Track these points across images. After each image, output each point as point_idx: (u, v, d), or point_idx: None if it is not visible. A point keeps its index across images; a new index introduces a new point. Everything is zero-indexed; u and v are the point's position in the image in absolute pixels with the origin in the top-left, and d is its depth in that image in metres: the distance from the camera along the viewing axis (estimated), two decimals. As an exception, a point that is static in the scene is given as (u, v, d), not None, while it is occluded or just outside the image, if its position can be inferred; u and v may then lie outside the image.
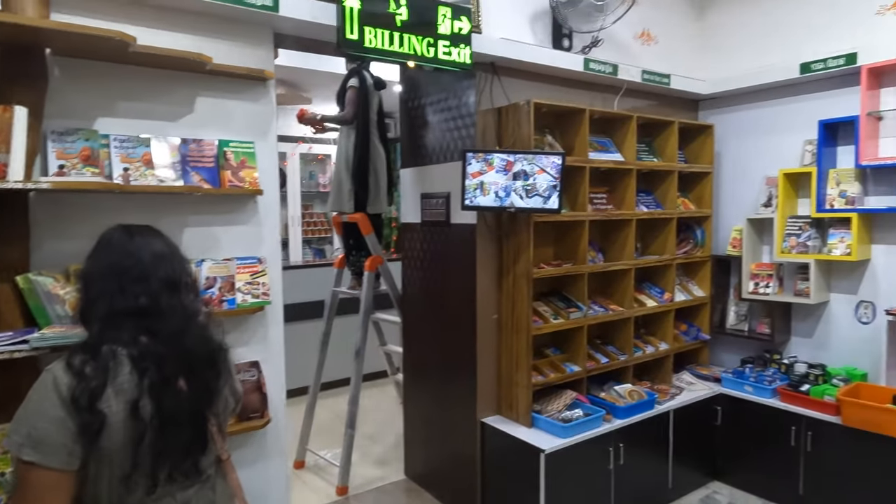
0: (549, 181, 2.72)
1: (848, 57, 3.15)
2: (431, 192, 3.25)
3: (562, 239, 3.23)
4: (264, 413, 2.30)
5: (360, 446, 4.17)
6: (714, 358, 3.97)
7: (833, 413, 3.03)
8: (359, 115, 3.37)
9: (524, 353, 2.92)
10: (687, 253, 3.73)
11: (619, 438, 3.00)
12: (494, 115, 2.98)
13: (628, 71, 3.38)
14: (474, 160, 2.70)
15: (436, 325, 3.32)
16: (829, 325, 3.44)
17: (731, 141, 3.85)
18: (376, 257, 3.58)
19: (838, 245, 3.22)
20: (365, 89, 3.36)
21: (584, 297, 3.12)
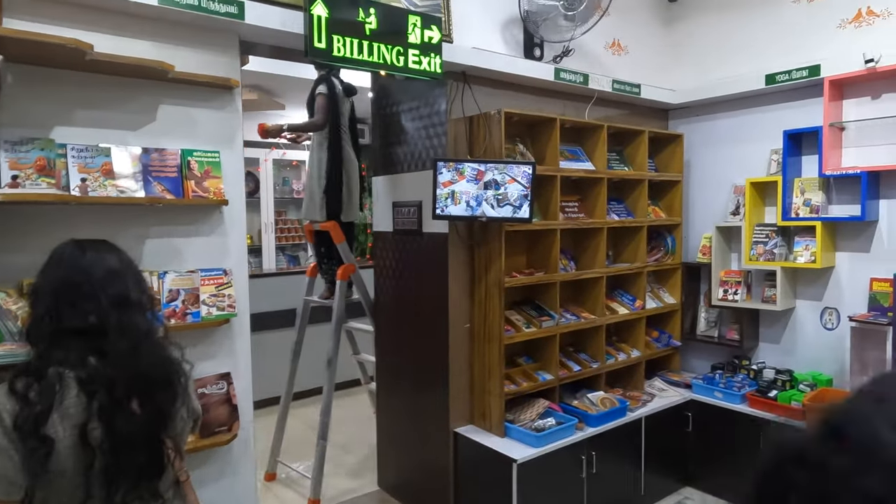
0: (519, 190, 2.72)
1: (811, 69, 3.22)
2: (403, 201, 3.23)
3: (534, 248, 3.24)
4: (232, 427, 2.25)
5: (333, 457, 4.11)
6: (685, 364, 4.02)
7: (800, 418, 3.08)
8: (329, 121, 3.34)
9: (496, 362, 2.91)
10: (658, 260, 3.77)
11: (592, 446, 3.01)
12: (466, 124, 2.97)
13: (599, 81, 3.41)
14: (445, 169, 2.69)
15: (408, 335, 3.29)
16: (796, 331, 3.51)
17: (700, 150, 3.91)
18: (348, 266, 3.55)
19: (803, 253, 3.28)
20: (334, 96, 3.33)
21: (556, 306, 3.12)
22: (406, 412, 3.36)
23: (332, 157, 3.36)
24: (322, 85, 3.33)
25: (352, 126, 3.63)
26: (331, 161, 3.36)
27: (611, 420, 3.13)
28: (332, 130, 3.34)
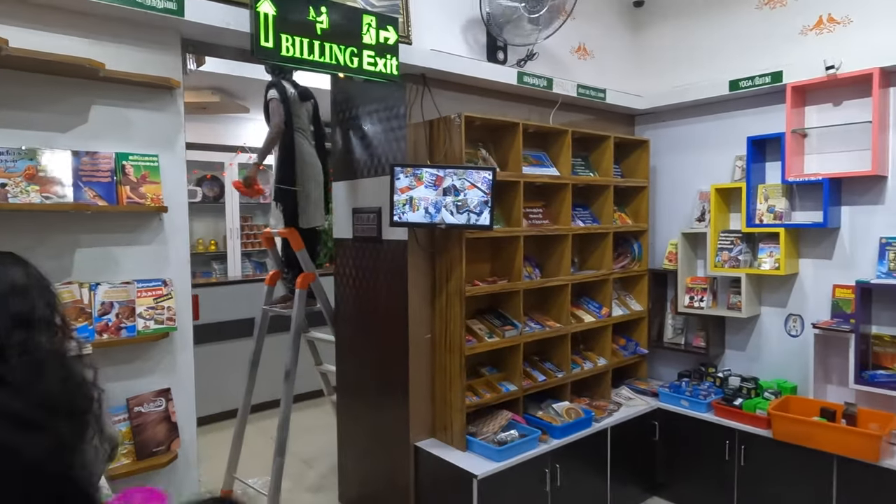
0: (480, 197, 2.64)
1: (774, 75, 3.21)
2: (363, 207, 3.14)
3: (497, 255, 3.16)
4: (171, 445, 2.12)
5: (294, 471, 3.98)
6: (652, 371, 3.98)
7: (765, 427, 3.05)
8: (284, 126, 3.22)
9: (458, 373, 2.82)
10: (624, 267, 3.73)
11: (556, 459, 2.93)
12: (426, 129, 2.89)
13: (563, 85, 3.35)
14: (403, 175, 2.60)
15: (369, 345, 3.19)
16: (761, 338, 3.49)
17: (666, 156, 3.88)
18: (308, 274, 3.42)
19: (767, 259, 3.27)
20: (286, 99, 3.22)
21: (519, 315, 3.05)
22: (367, 425, 3.25)
23: (282, 162, 3.24)
24: (272, 90, 3.22)
25: (317, 130, 3.52)
26: (281, 166, 3.25)
27: (575, 431, 3.06)
28: (285, 134, 3.23)
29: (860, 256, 3.09)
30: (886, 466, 2.65)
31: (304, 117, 3.34)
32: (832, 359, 3.15)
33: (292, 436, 4.50)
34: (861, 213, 3.08)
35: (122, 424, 2.04)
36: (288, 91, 3.23)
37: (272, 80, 3.24)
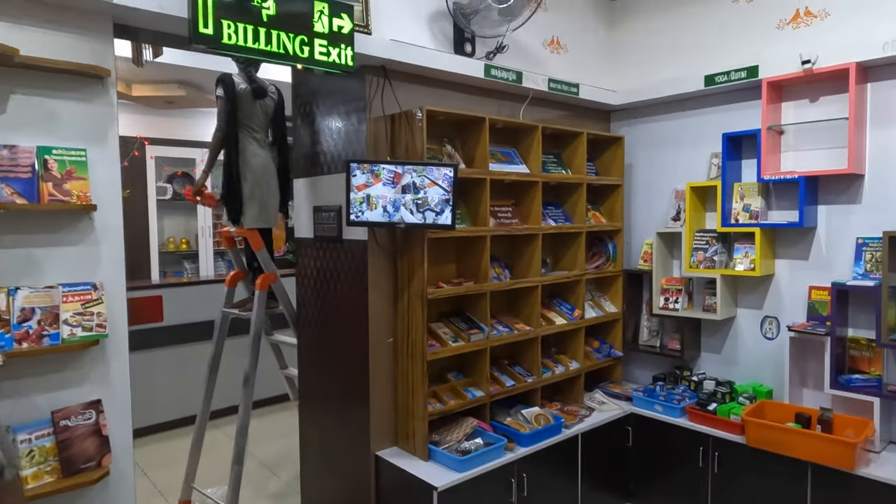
0: (441, 195, 2.51)
1: (749, 70, 3.11)
2: (323, 205, 3.00)
3: (464, 256, 3.04)
4: (102, 461, 1.98)
5: (257, 478, 3.84)
6: (627, 374, 3.88)
7: (739, 433, 2.96)
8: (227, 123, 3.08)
9: (420, 379, 2.70)
10: (598, 267, 3.62)
11: (523, 468, 2.82)
12: (387, 124, 2.75)
13: (534, 79, 3.23)
14: (359, 171, 2.47)
15: (330, 349, 3.05)
16: (737, 341, 3.40)
17: (642, 153, 3.78)
18: (268, 275, 3.28)
19: (743, 260, 3.17)
20: (233, 96, 3.07)
21: (486, 318, 2.93)
22: (329, 433, 3.12)
23: (227, 162, 3.10)
24: (219, 86, 3.07)
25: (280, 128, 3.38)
26: (227, 165, 3.11)
27: (544, 438, 2.95)
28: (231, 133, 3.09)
29: (836, 257, 3.00)
30: (862, 475, 2.56)
31: (257, 115, 3.19)
32: (808, 362, 3.06)
33: (257, 441, 4.39)
34: (838, 213, 2.99)
35: (46, 440, 1.89)
36: (238, 87, 3.08)
37: (221, 75, 3.09)
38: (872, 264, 2.85)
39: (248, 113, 3.19)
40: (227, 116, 3.07)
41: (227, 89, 3.07)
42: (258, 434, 4.53)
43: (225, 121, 3.08)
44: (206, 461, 3.61)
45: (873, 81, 2.86)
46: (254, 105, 3.17)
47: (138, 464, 4.08)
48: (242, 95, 3.14)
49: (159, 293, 4.64)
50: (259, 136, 3.25)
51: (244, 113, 3.18)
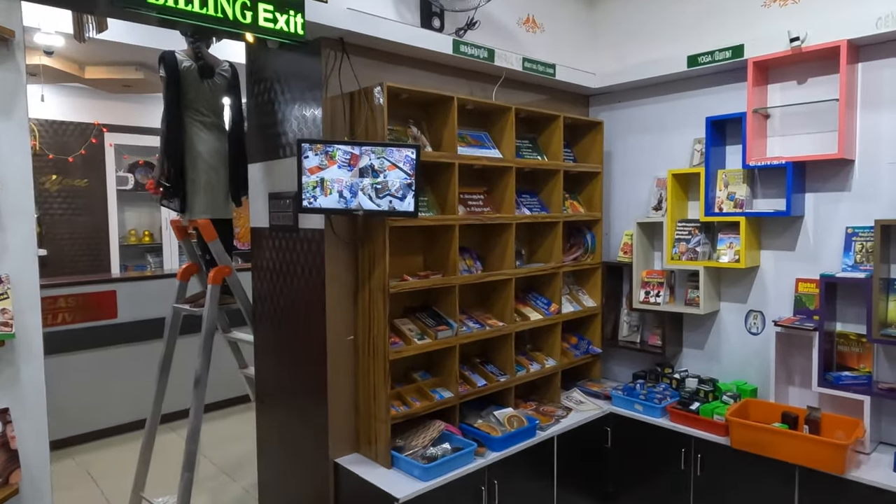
0: (402, 179, 2.30)
1: (734, 49, 2.94)
2: (279, 192, 2.77)
3: (431, 246, 2.83)
4: (10, 478, 1.74)
5: (215, 484, 3.61)
6: (607, 371, 3.71)
7: (723, 434, 2.79)
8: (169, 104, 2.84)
9: (382, 380, 2.49)
10: (576, 260, 3.43)
11: (494, 474, 2.62)
12: (345, 102, 2.53)
13: (507, 58, 3.02)
14: (311, 152, 2.24)
15: (286, 348, 2.83)
16: (720, 337, 3.23)
17: (622, 139, 3.60)
18: (222, 267, 3.05)
19: (727, 251, 3.00)
20: (175, 75, 2.82)
21: (454, 313, 2.73)
22: (287, 437, 2.89)
23: (167, 146, 2.86)
24: (160, 66, 2.83)
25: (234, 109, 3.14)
26: (165, 149, 2.87)
27: (517, 442, 2.76)
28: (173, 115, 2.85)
29: (825, 248, 2.84)
30: (852, 478, 2.41)
31: (205, 96, 2.95)
32: (794, 358, 2.91)
33: (216, 445, 4.15)
34: (826, 201, 2.83)
35: (-60, 455, 1.65)
36: (182, 65, 2.84)
37: (162, 53, 2.84)
38: (862, 255, 2.69)
39: (195, 94, 2.95)
40: (169, 98, 2.83)
41: (168, 68, 2.83)
42: (217, 437, 4.30)
43: (168, 103, 2.84)
44: (159, 467, 3.38)
45: (865, 61, 2.69)
46: (200, 85, 2.93)
47: (89, 472, 3.83)
48: (187, 74, 2.90)
49: (113, 288, 4.37)
50: (207, 120, 3.01)
51: (190, 94, 2.94)
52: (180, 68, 2.85)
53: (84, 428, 4.28)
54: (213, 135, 3.04)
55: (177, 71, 2.83)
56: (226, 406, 4.86)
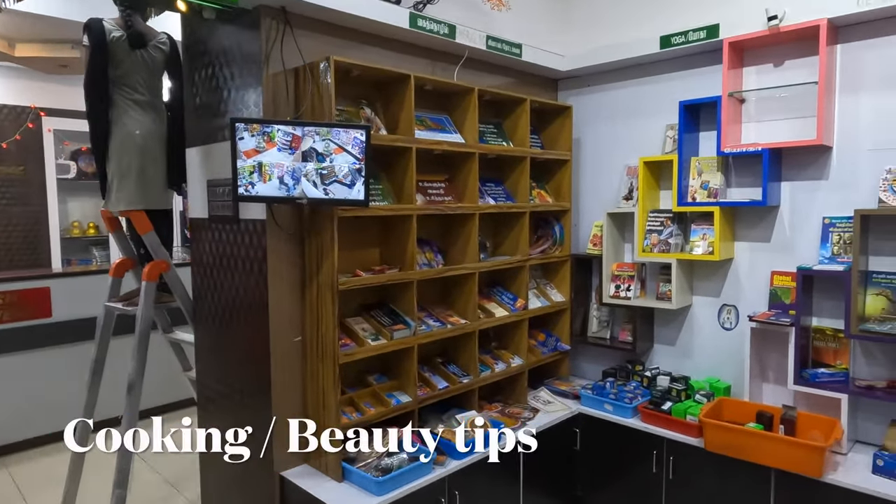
0: (351, 163, 2.07)
1: (709, 29, 2.78)
2: (218, 179, 2.51)
3: (388, 239, 2.61)
4: None
5: (158, 496, 3.35)
6: (576, 369, 3.55)
7: (696, 435, 2.66)
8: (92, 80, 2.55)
9: (331, 385, 2.26)
10: (544, 252, 3.25)
11: (455, 484, 2.43)
12: (288, 80, 2.28)
13: (470, 35, 2.81)
14: (247, 133, 2.00)
15: (229, 349, 2.58)
16: (693, 332, 3.10)
17: (591, 125, 3.42)
18: (158, 262, 2.78)
19: (700, 243, 2.86)
20: (103, 45, 2.54)
21: (412, 310, 2.51)
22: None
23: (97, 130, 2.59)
24: (85, 34, 2.54)
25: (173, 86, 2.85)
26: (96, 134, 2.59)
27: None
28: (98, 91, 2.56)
29: (801, 239, 2.72)
30: (830, 482, 2.29)
31: (138, 71, 2.67)
32: (769, 354, 2.79)
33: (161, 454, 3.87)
34: (802, 190, 2.71)
35: None
36: (111, 35, 2.55)
37: (87, 20, 2.55)
38: (840, 246, 2.57)
39: (126, 68, 2.66)
40: (93, 70, 2.53)
41: (93, 36, 2.53)
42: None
43: (91, 75, 2.55)
44: (95, 481, 3.10)
45: (843, 43, 2.56)
46: (131, 57, 2.64)
47: (18, 485, 3.51)
48: (117, 46, 2.60)
49: (46, 284, 4.02)
50: (141, 98, 2.72)
51: (121, 69, 2.65)
52: (108, 38, 2.56)
53: (14, 437, 3.94)
54: (148, 115, 2.75)
55: (104, 41, 2.53)
56: (173, 409, 4.56)
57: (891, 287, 2.44)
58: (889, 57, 2.45)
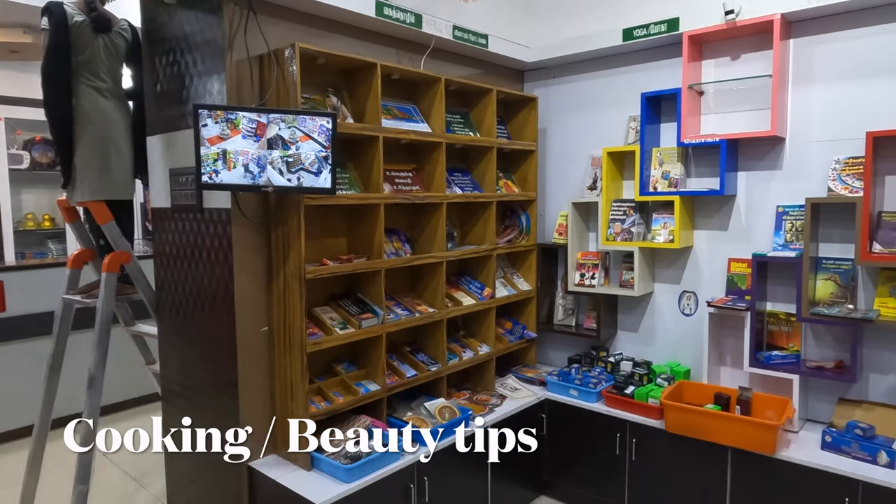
0: (317, 151, 2.06)
1: (670, 23, 2.85)
2: (181, 167, 2.46)
3: (355, 228, 2.61)
4: None
5: (121, 492, 3.29)
6: (542, 356, 3.62)
7: (657, 417, 2.74)
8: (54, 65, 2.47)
9: (300, 375, 2.26)
10: (511, 241, 3.30)
11: (425, 470, 2.46)
12: (252, 66, 2.25)
13: (436, 24, 2.81)
14: (211, 120, 1.97)
15: (194, 341, 2.55)
16: (654, 318, 3.19)
17: (557, 116, 3.47)
18: (119, 253, 2.71)
19: (661, 231, 2.94)
20: (64, 29, 2.46)
21: (380, 299, 2.52)
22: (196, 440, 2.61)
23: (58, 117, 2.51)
24: (44, 17, 2.46)
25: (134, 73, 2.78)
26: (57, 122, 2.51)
27: (449, 435, 2.60)
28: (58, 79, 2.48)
29: (756, 227, 2.82)
30: (782, 458, 2.40)
31: (100, 57, 2.59)
32: (726, 339, 2.89)
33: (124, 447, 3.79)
34: (758, 180, 2.81)
35: None
36: (73, 19, 2.47)
37: (47, 3, 2.46)
38: (793, 234, 2.68)
39: (88, 54, 2.58)
40: (54, 56, 2.45)
41: (55, 20, 2.45)
42: (128, 439, 3.93)
43: (51, 61, 2.46)
44: (54, 478, 3.03)
45: (796, 38, 2.66)
46: (94, 42, 2.56)
47: (-29, 484, 3.40)
48: (79, 31, 2.53)
49: (0, 278, 3.88)
50: (103, 85, 2.65)
51: (81, 54, 2.57)
52: (70, 23, 2.47)
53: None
54: (111, 103, 2.68)
55: (66, 25, 2.45)
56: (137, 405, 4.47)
57: (838, 272, 2.56)
58: (838, 52, 2.56)
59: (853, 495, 2.24)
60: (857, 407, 2.52)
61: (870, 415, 2.47)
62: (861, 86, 2.51)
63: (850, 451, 2.33)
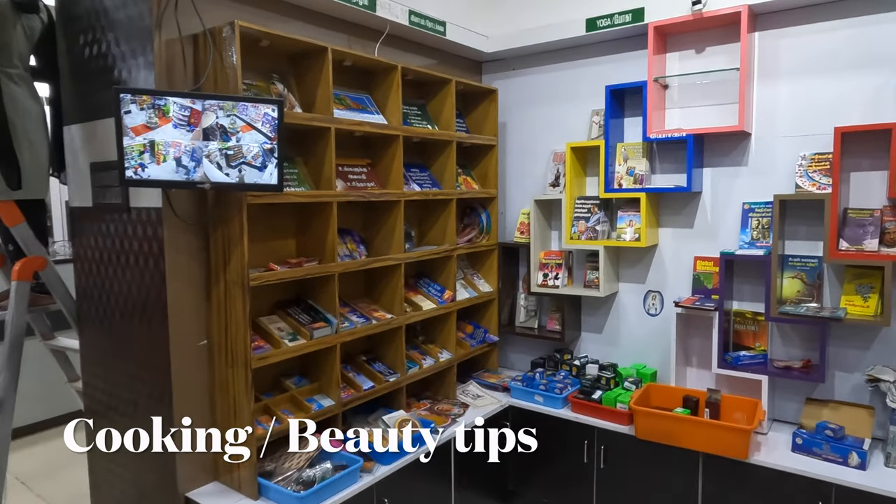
0: (261, 143, 1.83)
1: (635, 13, 2.75)
2: (104, 161, 2.17)
3: (305, 228, 2.38)
4: None
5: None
6: (504, 360, 3.48)
7: (626, 423, 2.64)
8: None
9: (244, 393, 2.02)
10: (471, 241, 3.13)
11: (385, 490, 2.27)
12: (185, 48, 1.99)
13: (391, 9, 2.61)
14: (135, 106, 1.71)
15: (121, 356, 2.26)
16: (619, 319, 3.10)
17: (517, 110, 3.33)
18: (32, 259, 2.39)
19: (627, 229, 2.84)
20: None
21: (334, 307, 2.31)
22: (125, 467, 2.33)
23: None
24: None
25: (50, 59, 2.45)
26: None
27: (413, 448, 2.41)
28: None
29: (722, 224, 2.76)
30: (755, 462, 2.33)
31: (18, 41, 2.26)
32: (693, 339, 2.82)
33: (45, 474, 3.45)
34: (723, 176, 2.74)
35: None
36: None
37: None
38: (759, 231, 2.62)
39: (7, 38, 2.24)
40: None
41: None
42: (47, 464, 3.56)
43: None
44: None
45: (761, 31, 2.60)
46: (14, 25, 2.23)
47: None
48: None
49: None
50: (14, 72, 2.31)
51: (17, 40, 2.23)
52: None
53: None
54: (24, 90, 2.34)
55: None
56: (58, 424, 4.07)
57: (805, 270, 2.51)
58: (803, 45, 2.51)
59: (826, 499, 2.19)
60: (825, 406, 2.49)
61: (837, 414, 2.44)
62: (827, 81, 2.47)
63: (821, 453, 2.29)
